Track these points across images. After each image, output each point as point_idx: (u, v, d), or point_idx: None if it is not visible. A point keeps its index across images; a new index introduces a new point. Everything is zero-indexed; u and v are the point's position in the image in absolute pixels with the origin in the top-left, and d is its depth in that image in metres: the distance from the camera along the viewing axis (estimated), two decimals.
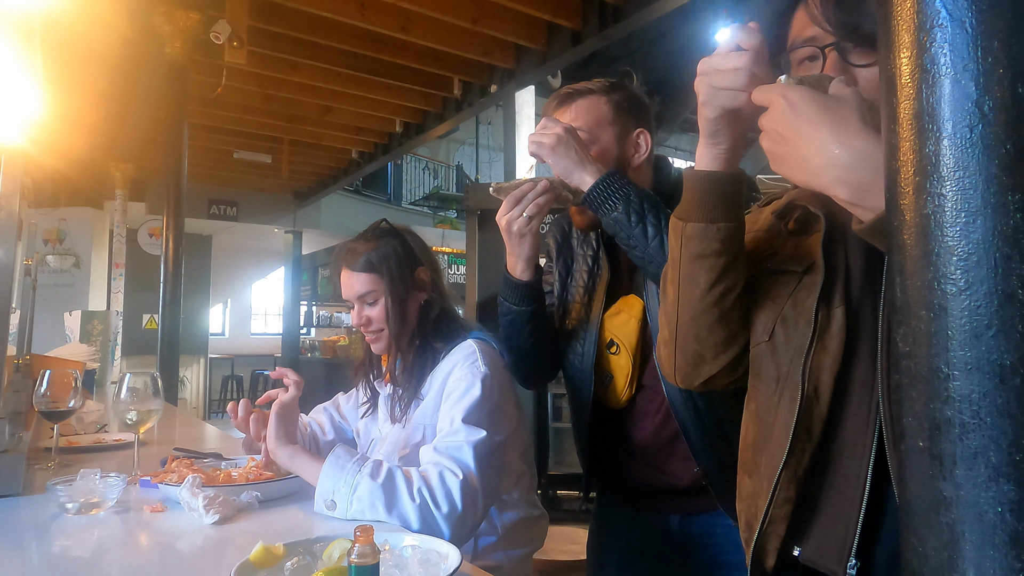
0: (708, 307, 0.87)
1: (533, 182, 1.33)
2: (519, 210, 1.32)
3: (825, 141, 0.65)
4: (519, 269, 1.38)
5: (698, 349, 0.90)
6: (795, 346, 0.82)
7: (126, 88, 4.98)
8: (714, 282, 0.85)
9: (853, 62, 0.78)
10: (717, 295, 0.86)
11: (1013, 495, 0.35)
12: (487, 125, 12.93)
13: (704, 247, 0.84)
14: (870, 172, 0.63)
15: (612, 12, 4.06)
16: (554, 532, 1.86)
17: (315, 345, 9.70)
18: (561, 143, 1.26)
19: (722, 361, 0.90)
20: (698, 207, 0.84)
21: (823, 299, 0.81)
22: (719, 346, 0.89)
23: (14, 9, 2.03)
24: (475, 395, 1.38)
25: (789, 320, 0.84)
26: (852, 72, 0.77)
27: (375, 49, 4.75)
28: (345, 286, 1.56)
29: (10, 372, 1.73)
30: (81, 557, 1.10)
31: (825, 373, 0.79)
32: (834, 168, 0.64)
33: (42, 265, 7.36)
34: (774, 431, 0.82)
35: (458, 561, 0.93)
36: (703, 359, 0.91)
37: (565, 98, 1.41)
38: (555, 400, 5.01)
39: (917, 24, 0.38)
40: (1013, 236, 0.35)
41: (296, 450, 1.37)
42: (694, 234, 0.85)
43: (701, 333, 0.89)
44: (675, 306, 0.90)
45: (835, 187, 0.65)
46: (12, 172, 1.44)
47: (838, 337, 0.79)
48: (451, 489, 1.25)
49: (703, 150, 0.83)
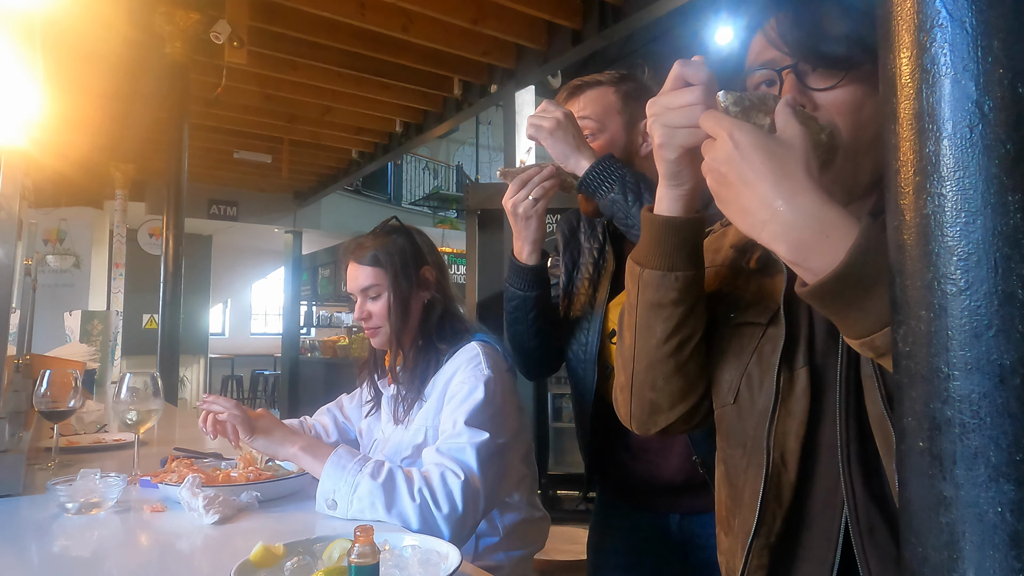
0: (665, 357, 0.83)
1: (539, 167, 1.35)
2: (524, 193, 1.34)
3: (768, 195, 0.61)
4: (525, 253, 1.39)
5: (654, 399, 0.87)
6: (759, 410, 0.79)
7: (126, 88, 4.98)
8: (671, 332, 0.82)
9: (812, 85, 0.74)
10: (674, 345, 0.83)
11: (1013, 495, 0.35)
12: (487, 125, 12.93)
13: (661, 296, 0.81)
14: (813, 233, 0.60)
15: (612, 12, 4.06)
16: (554, 532, 1.86)
17: (315, 345, 9.70)
18: (559, 127, 1.28)
19: (679, 411, 0.87)
20: (656, 253, 0.80)
21: (785, 360, 0.78)
22: (676, 396, 0.86)
23: (14, 9, 2.03)
24: (478, 398, 1.38)
25: (754, 380, 0.81)
26: (811, 96, 0.74)
27: (375, 49, 4.75)
28: (350, 278, 1.57)
29: (10, 372, 1.73)
30: (81, 557, 1.10)
31: (791, 439, 0.76)
32: (776, 225, 0.61)
33: (42, 265, 7.35)
34: (744, 496, 0.80)
35: (458, 561, 0.93)
36: (659, 408, 0.87)
37: (575, 89, 1.44)
38: (555, 400, 5.01)
39: (917, 24, 0.38)
40: (1013, 236, 0.35)
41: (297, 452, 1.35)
42: (651, 281, 0.81)
43: (657, 382, 0.85)
44: (631, 352, 0.86)
45: (776, 244, 0.62)
46: (12, 172, 1.44)
47: (803, 401, 0.76)
48: (452, 490, 1.25)
49: (663, 191, 0.78)
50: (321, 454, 1.31)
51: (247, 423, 1.36)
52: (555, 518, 1.78)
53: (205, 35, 4.00)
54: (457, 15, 4.21)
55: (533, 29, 4.44)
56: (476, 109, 5.64)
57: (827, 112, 0.73)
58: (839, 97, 0.73)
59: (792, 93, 0.74)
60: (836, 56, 0.72)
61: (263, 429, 1.37)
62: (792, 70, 0.75)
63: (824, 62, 0.73)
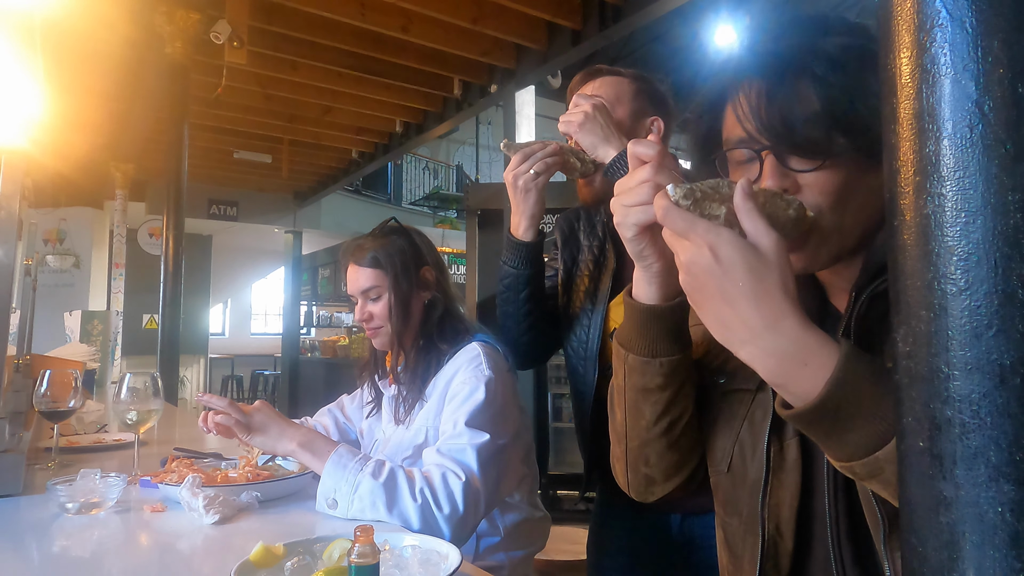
0: (656, 437, 0.84)
1: (543, 143, 1.35)
2: (527, 166, 1.34)
3: (749, 316, 0.60)
4: (522, 228, 1.39)
5: (649, 473, 0.88)
6: (752, 481, 0.79)
7: (127, 88, 4.98)
8: (660, 414, 0.82)
9: (793, 167, 0.70)
10: (664, 427, 0.83)
11: (1013, 495, 0.35)
12: (487, 125, 12.93)
13: (647, 381, 0.80)
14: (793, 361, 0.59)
15: (612, 12, 4.06)
16: (554, 532, 1.86)
17: (315, 345, 9.71)
18: (588, 119, 1.30)
19: (675, 482, 0.89)
20: (639, 338, 0.79)
21: (774, 432, 0.77)
22: (670, 470, 0.87)
23: (14, 9, 2.03)
24: (479, 398, 1.38)
25: (746, 449, 0.80)
26: (794, 178, 0.70)
27: (375, 49, 4.75)
28: (350, 280, 1.57)
29: (10, 372, 1.73)
30: (81, 557, 1.10)
31: (785, 509, 0.76)
32: (755, 348, 0.60)
33: (42, 265, 7.36)
34: (744, 563, 0.80)
35: (458, 561, 0.93)
36: (654, 481, 0.89)
37: (593, 72, 1.46)
38: (555, 400, 5.01)
39: (917, 24, 0.38)
40: (1013, 236, 0.35)
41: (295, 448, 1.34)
42: (636, 366, 0.80)
43: (651, 459, 0.86)
44: (623, 430, 0.87)
45: (754, 364, 0.61)
46: (12, 172, 1.44)
47: (794, 473, 0.75)
48: (453, 491, 1.25)
49: (637, 273, 0.78)
50: (320, 451, 1.31)
51: (241, 423, 1.35)
52: (555, 518, 1.79)
53: (205, 35, 4.00)
54: (457, 15, 4.21)
55: (533, 29, 4.44)
56: (476, 109, 5.64)
57: (811, 194, 0.70)
58: (821, 178, 0.70)
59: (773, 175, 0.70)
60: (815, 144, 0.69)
61: (259, 427, 1.35)
62: (771, 151, 0.71)
63: (801, 151, 0.69)
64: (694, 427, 0.85)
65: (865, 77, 0.67)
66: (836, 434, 0.60)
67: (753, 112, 0.71)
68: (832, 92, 0.68)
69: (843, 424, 0.58)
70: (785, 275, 0.60)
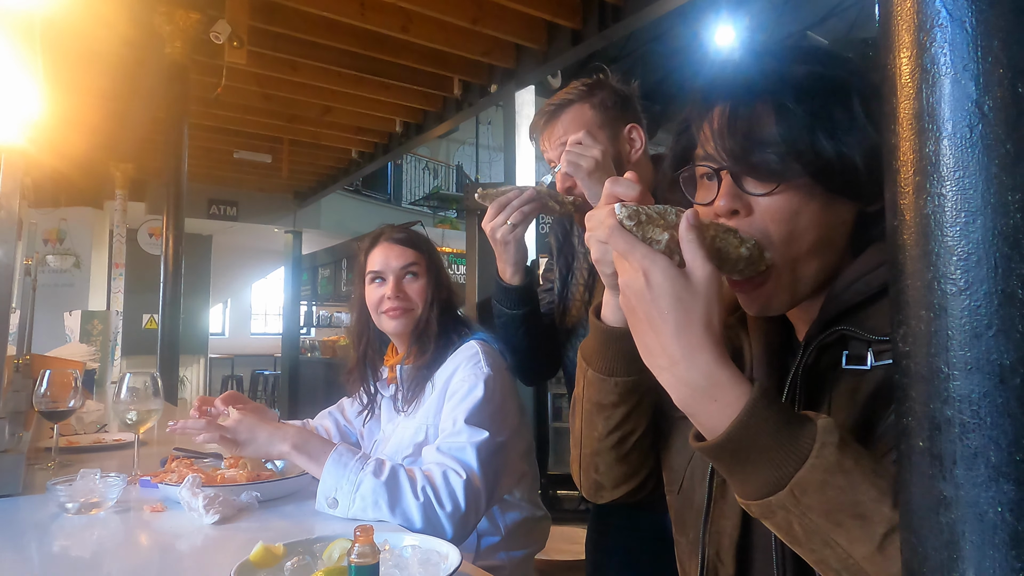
0: (607, 449, 0.88)
1: (519, 190, 1.33)
2: (503, 217, 1.33)
3: (669, 344, 0.61)
4: (508, 274, 1.40)
5: (598, 479, 0.92)
6: (697, 508, 0.81)
7: (126, 88, 4.98)
8: (612, 429, 0.86)
9: (748, 190, 0.71)
10: (615, 440, 0.86)
11: (1013, 495, 0.35)
12: (487, 125, 12.92)
13: (602, 397, 0.84)
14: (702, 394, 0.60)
15: (612, 12, 4.06)
16: (554, 532, 1.86)
17: (315, 345, 9.70)
18: (598, 168, 1.28)
19: (622, 491, 0.93)
20: (599, 356, 0.83)
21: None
22: (618, 479, 0.92)
23: (14, 9, 2.03)
24: (478, 396, 1.38)
25: (696, 473, 0.83)
26: (748, 201, 0.71)
27: (375, 49, 4.75)
28: (385, 256, 1.57)
29: (10, 372, 1.73)
30: (81, 557, 1.10)
31: (725, 539, 0.77)
32: (670, 375, 0.62)
33: (42, 265, 7.36)
34: None
35: (458, 561, 0.93)
36: (603, 487, 0.94)
37: (550, 115, 1.42)
38: (555, 400, 5.01)
39: (917, 24, 0.38)
40: (1013, 236, 0.35)
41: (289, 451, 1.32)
42: (593, 381, 0.84)
43: (600, 468, 0.91)
44: (579, 436, 0.91)
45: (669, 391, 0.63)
46: (12, 172, 1.44)
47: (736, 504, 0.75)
48: (455, 489, 1.25)
49: (607, 296, 0.81)
50: (315, 452, 1.30)
51: (226, 441, 1.32)
52: (555, 518, 1.79)
53: (205, 35, 4.00)
54: (457, 15, 4.21)
55: (533, 29, 4.44)
56: (476, 109, 5.64)
57: (762, 219, 0.70)
58: (774, 204, 0.70)
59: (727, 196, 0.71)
60: (769, 168, 0.70)
61: (246, 438, 1.32)
62: (728, 171, 0.72)
63: (756, 173, 0.70)
64: (646, 444, 0.88)
65: (829, 107, 0.69)
66: (736, 472, 0.61)
67: (716, 132, 0.72)
68: (793, 120, 0.69)
69: (741, 465, 0.60)
70: (711, 308, 0.61)
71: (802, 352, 0.72)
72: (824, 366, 0.72)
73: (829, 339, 0.70)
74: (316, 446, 1.31)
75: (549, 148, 1.44)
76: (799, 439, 0.57)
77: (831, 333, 0.70)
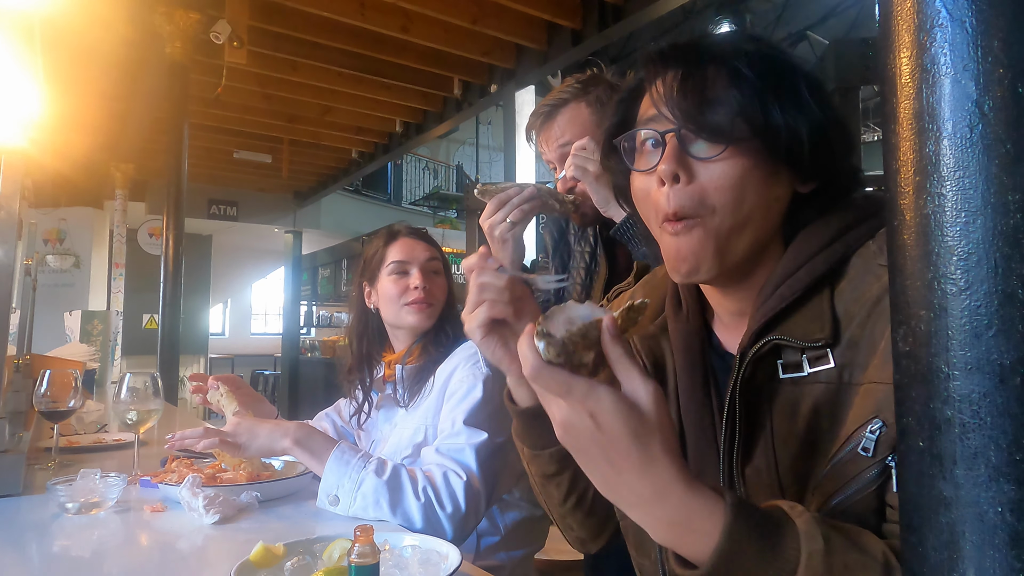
0: (570, 511, 0.89)
1: (519, 187, 1.32)
2: (502, 215, 1.31)
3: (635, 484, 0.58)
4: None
5: (579, 535, 0.94)
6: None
7: (126, 88, 4.99)
8: (567, 494, 0.87)
9: (694, 154, 0.70)
10: (574, 503, 0.88)
11: (1013, 495, 0.35)
12: (487, 125, 12.93)
13: (545, 469, 0.85)
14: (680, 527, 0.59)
15: (612, 12, 4.06)
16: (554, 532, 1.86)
17: (315, 345, 9.71)
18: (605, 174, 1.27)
19: (605, 537, 0.94)
20: (527, 435, 0.84)
21: None
22: (595, 530, 0.93)
23: (14, 9, 2.03)
24: (477, 396, 1.38)
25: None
26: (691, 164, 0.70)
27: (375, 49, 4.75)
28: (410, 248, 1.59)
29: (10, 372, 1.73)
30: (81, 557, 1.10)
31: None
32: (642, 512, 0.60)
33: (42, 265, 7.36)
34: None
35: (458, 561, 0.93)
36: (586, 541, 0.95)
37: (546, 116, 1.41)
38: None
39: (917, 24, 0.38)
40: (1013, 236, 0.35)
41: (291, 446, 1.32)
42: (531, 458, 0.85)
43: (574, 526, 0.92)
44: (545, 505, 0.93)
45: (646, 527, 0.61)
46: (12, 172, 1.44)
47: None
48: (455, 490, 1.25)
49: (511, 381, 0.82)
50: (317, 448, 1.30)
51: (227, 444, 1.32)
52: None
53: (205, 35, 4.00)
54: (457, 15, 4.22)
55: (533, 29, 4.45)
56: (476, 109, 5.65)
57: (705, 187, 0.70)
58: (718, 170, 0.70)
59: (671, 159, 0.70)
60: (719, 126, 0.69)
61: (247, 439, 1.32)
62: (675, 134, 0.71)
63: (706, 132, 0.70)
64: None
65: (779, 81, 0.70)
66: None
67: (666, 91, 0.71)
68: (745, 84, 0.69)
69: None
70: (666, 433, 0.59)
71: (737, 366, 0.71)
72: (761, 378, 0.71)
73: (764, 349, 0.70)
74: (318, 442, 1.31)
75: (547, 149, 1.43)
76: (784, 552, 0.56)
77: (765, 344, 0.69)
